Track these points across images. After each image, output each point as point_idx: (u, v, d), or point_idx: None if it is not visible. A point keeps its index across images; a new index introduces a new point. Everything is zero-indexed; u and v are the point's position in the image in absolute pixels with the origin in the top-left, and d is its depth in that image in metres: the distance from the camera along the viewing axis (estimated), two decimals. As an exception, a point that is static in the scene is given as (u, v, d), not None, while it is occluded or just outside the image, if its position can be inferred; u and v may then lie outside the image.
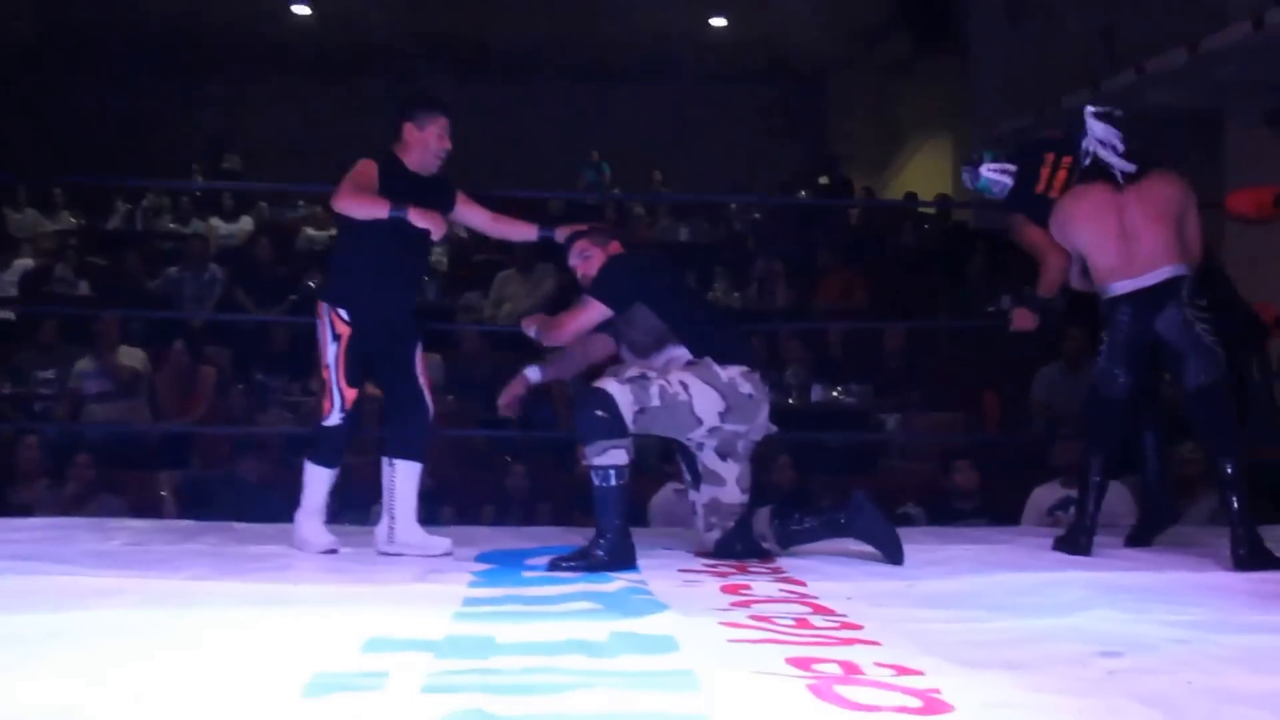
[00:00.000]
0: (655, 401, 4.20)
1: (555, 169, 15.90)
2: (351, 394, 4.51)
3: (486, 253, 11.96)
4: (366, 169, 4.45)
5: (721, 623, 3.14)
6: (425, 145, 4.55)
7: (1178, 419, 4.56)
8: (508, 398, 4.82)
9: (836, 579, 3.93)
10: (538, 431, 7.95)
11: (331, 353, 4.49)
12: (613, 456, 4.14)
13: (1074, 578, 3.93)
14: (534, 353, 8.55)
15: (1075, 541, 4.58)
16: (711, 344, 4.39)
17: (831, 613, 3.34)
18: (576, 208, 13.69)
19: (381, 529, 4.57)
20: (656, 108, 18.49)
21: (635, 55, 17.11)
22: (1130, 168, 4.52)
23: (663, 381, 4.24)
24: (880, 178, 17.41)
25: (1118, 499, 6.08)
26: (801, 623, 3.19)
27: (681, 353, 4.38)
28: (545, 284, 10.22)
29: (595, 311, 4.43)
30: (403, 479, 4.57)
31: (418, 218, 4.33)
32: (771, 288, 11.32)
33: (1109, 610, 3.35)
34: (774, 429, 4.56)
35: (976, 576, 3.99)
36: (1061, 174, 4.84)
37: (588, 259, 4.60)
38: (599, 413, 4.13)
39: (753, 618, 3.23)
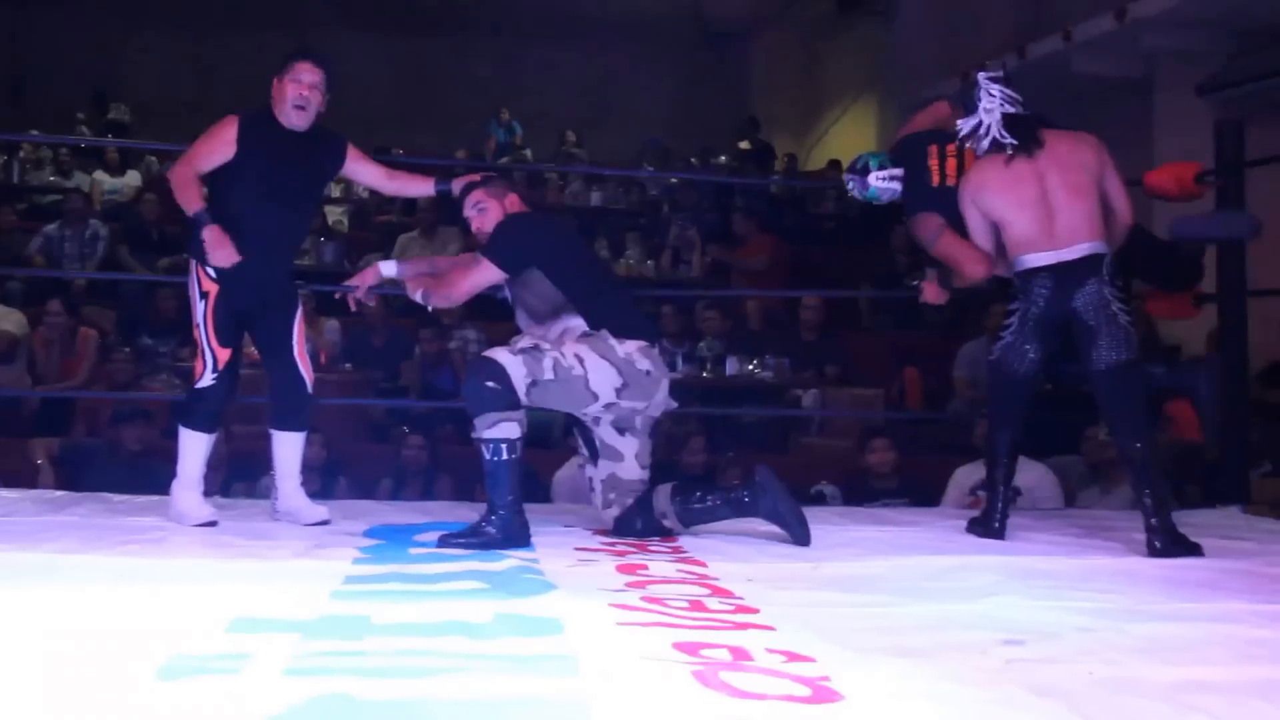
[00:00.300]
0: (549, 374, 4.16)
1: (465, 126, 15.76)
2: (224, 354, 4.45)
3: (389, 214, 11.83)
4: (217, 133, 4.42)
5: (612, 604, 3.11)
6: (283, 95, 4.48)
7: (1087, 398, 4.58)
8: (360, 288, 4.78)
9: (738, 559, 3.92)
10: (437, 401, 7.88)
11: (200, 310, 4.45)
12: (503, 429, 4.10)
13: (986, 562, 3.95)
14: (432, 319, 8.53)
15: (988, 524, 4.60)
16: (610, 317, 4.36)
17: (729, 595, 3.33)
18: (480, 167, 13.61)
19: (272, 495, 4.62)
20: (571, 65, 18.40)
21: (549, 9, 16.97)
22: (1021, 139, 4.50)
23: (557, 354, 4.21)
24: (804, 141, 17.43)
25: (1042, 481, 6.16)
26: (696, 605, 3.17)
27: (579, 323, 4.35)
28: (450, 247, 10.14)
29: (488, 272, 4.38)
30: (281, 448, 4.58)
31: (210, 242, 4.34)
32: (687, 256, 11.31)
33: (1017, 596, 3.36)
34: (674, 404, 4.54)
35: (886, 559, 4.00)
36: (951, 161, 4.82)
37: (483, 212, 4.53)
38: (489, 383, 4.09)
39: (646, 599, 3.20)
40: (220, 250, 4.34)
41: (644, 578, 3.57)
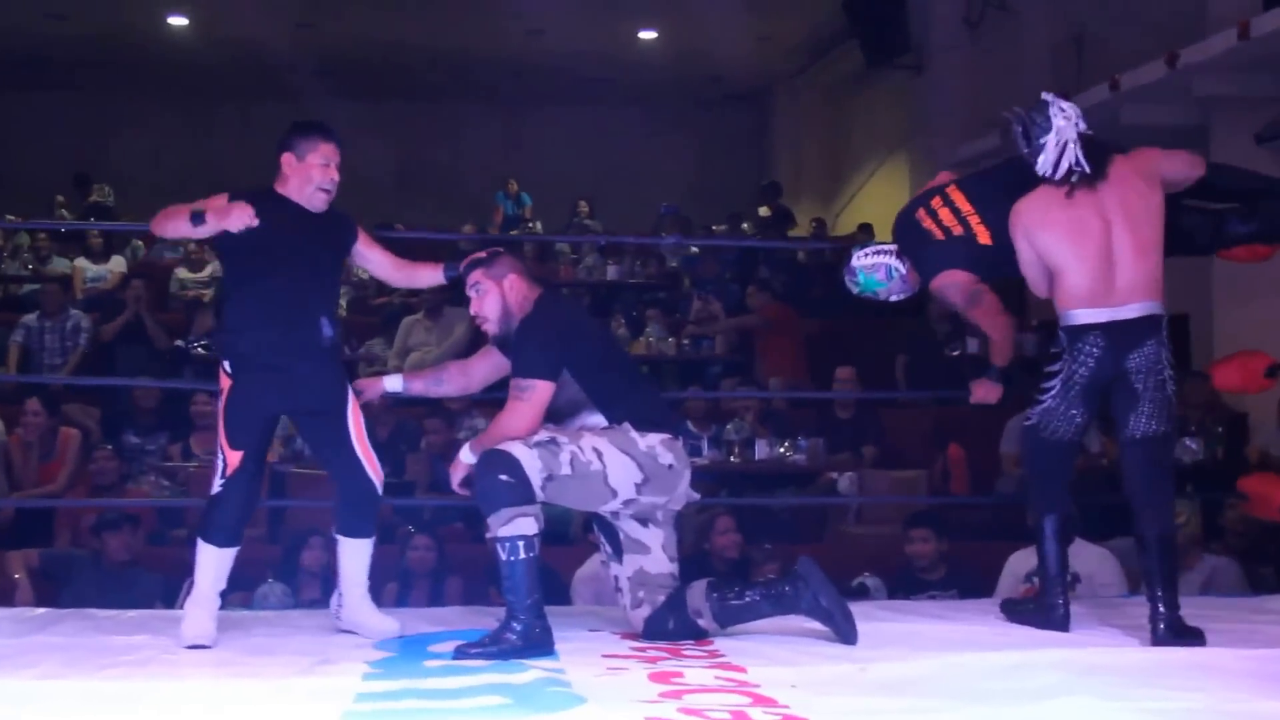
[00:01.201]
0: (565, 469, 4.15)
1: (470, 200, 15.87)
2: (235, 457, 4.34)
3: (388, 295, 11.89)
4: (229, 204, 4.35)
5: (648, 718, 3.09)
6: (307, 177, 4.46)
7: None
8: (362, 395, 4.75)
9: (780, 663, 3.89)
10: (445, 497, 7.86)
11: (218, 410, 4.41)
12: (520, 526, 4.07)
13: (1048, 658, 3.91)
14: (440, 409, 8.53)
15: (1049, 613, 4.56)
16: (631, 410, 4.36)
17: (773, 704, 3.30)
18: (487, 242, 13.67)
19: (334, 603, 4.64)
20: (581, 132, 18.54)
21: (556, 73, 17.12)
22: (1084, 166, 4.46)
23: (575, 448, 4.20)
24: (831, 205, 17.50)
25: (1102, 565, 6.11)
26: (739, 716, 3.15)
27: (597, 419, 4.37)
28: (456, 330, 10.18)
29: (542, 393, 4.28)
30: (347, 556, 4.59)
31: (217, 218, 4.27)
32: (709, 332, 11.34)
33: (1087, 697, 3.32)
34: (695, 496, 4.53)
35: (938, 658, 3.96)
36: (944, 212, 4.81)
37: (481, 294, 4.50)
38: (503, 477, 4.08)
39: (683, 710, 3.18)
40: (238, 211, 4.26)
41: (679, 686, 3.54)
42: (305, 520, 7.39)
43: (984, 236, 4.72)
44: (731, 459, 8.76)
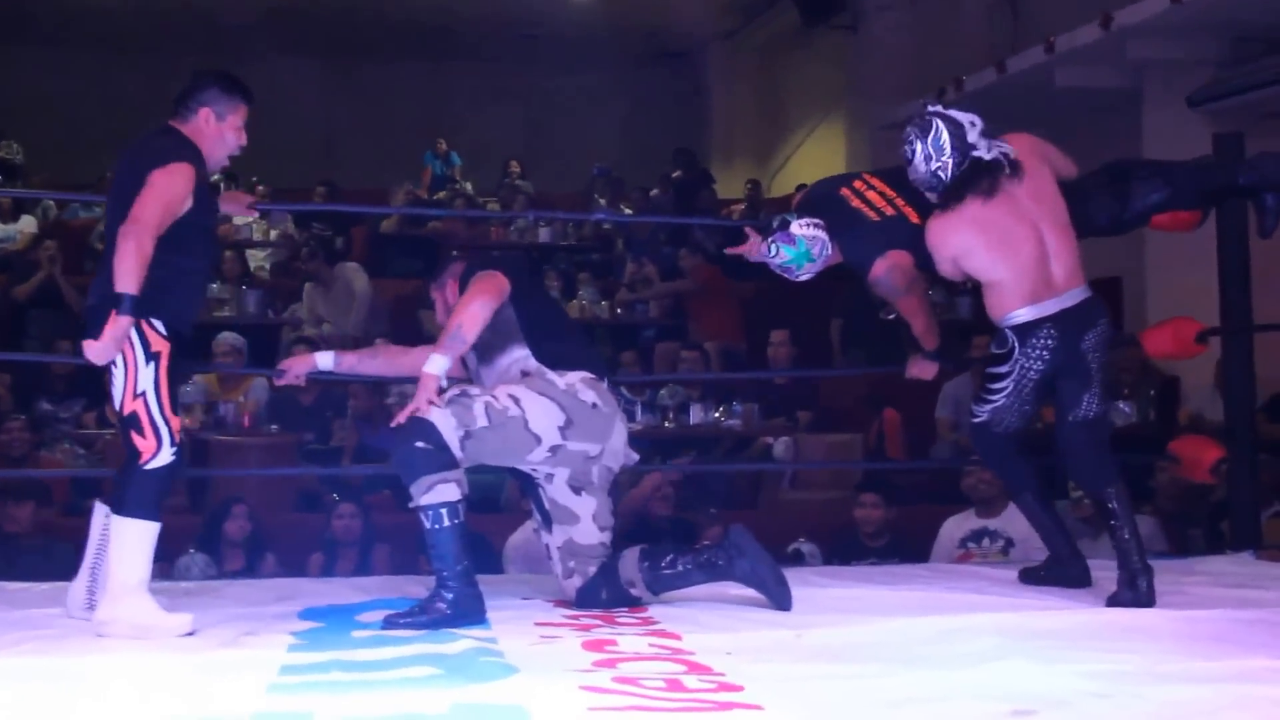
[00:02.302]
0: (481, 421, 4.12)
1: (399, 160, 15.75)
2: (176, 423, 4.21)
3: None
4: (179, 189, 4.15)
5: (581, 687, 3.10)
6: (223, 140, 4.33)
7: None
8: (289, 373, 4.81)
9: (715, 630, 3.91)
10: (372, 464, 7.83)
11: (149, 375, 4.15)
12: (442, 492, 4.04)
13: (985, 622, 3.94)
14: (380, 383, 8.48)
15: (1065, 574, 4.68)
16: (556, 345, 4.38)
17: (709, 671, 3.31)
18: (415, 202, 13.61)
19: (77, 592, 4.31)
20: (513, 90, 18.42)
21: (487, 30, 17.00)
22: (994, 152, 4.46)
23: (488, 398, 4.17)
24: (766, 166, 17.52)
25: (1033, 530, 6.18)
26: (673, 684, 3.15)
27: (523, 354, 4.34)
28: (356, 287, 10.14)
29: (492, 281, 4.29)
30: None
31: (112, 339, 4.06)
32: (644, 295, 11.34)
33: (1022, 660, 3.36)
34: (635, 457, 4.53)
35: (874, 623, 3.99)
36: (873, 194, 4.83)
37: (435, 309, 4.62)
38: (420, 444, 4.04)
39: (617, 680, 3.19)
40: (113, 347, 4.05)
41: (614, 654, 3.54)
42: (227, 489, 7.35)
43: (914, 217, 4.72)
44: (666, 424, 8.78)
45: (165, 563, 6.38)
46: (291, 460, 8.06)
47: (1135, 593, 4.26)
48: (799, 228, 4.87)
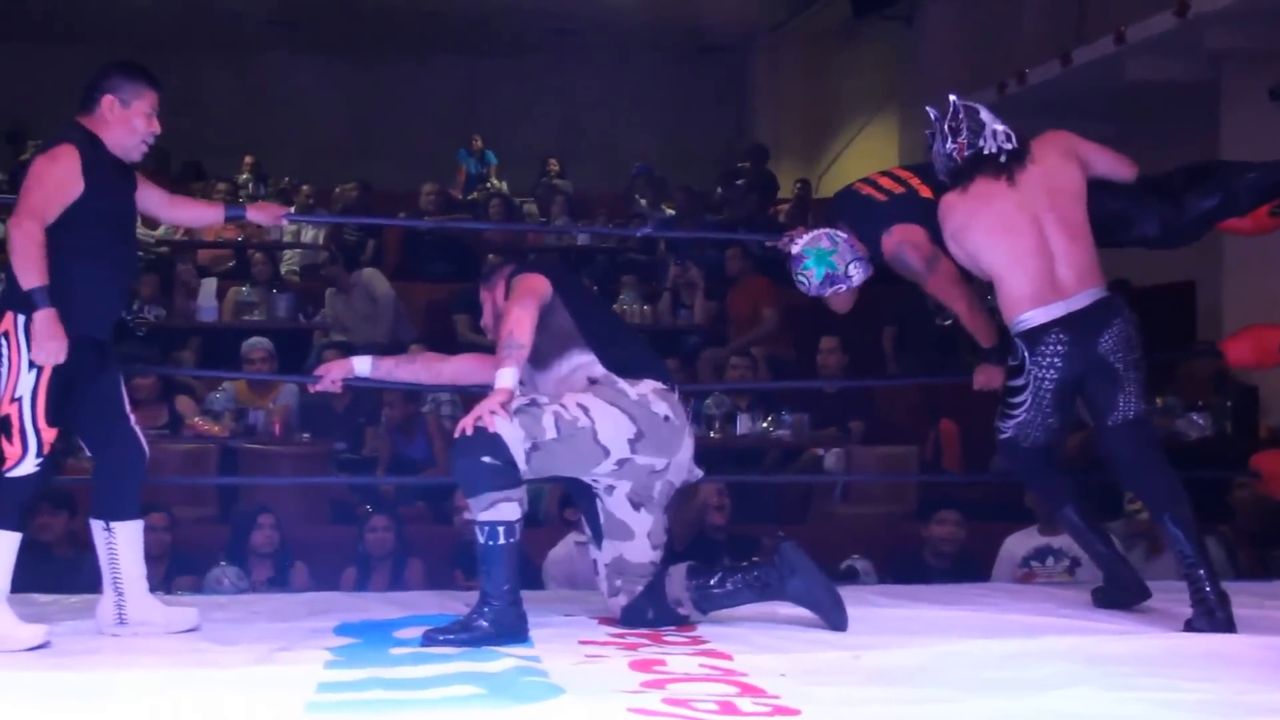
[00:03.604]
0: (550, 434, 4.13)
1: (432, 157, 15.80)
2: (51, 435, 4.20)
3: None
4: (60, 173, 4.18)
5: (630, 709, 3.10)
6: (131, 127, 4.35)
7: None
8: (325, 378, 4.90)
9: (768, 651, 3.91)
10: (407, 474, 7.87)
11: (28, 382, 4.15)
12: (502, 511, 4.07)
13: (1053, 646, 3.93)
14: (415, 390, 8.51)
15: (1122, 590, 4.65)
16: (622, 350, 4.39)
17: (762, 693, 3.31)
18: (448, 201, 13.63)
19: (106, 608, 4.35)
20: (550, 87, 18.46)
21: (522, 24, 17.03)
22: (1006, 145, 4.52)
23: (557, 408, 4.18)
24: (815, 166, 17.49)
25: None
26: (726, 707, 3.15)
27: (588, 360, 4.34)
28: (378, 292, 10.16)
29: (534, 282, 4.34)
30: (125, 544, 4.36)
31: (41, 332, 4.11)
32: (687, 300, 11.32)
33: (1092, 688, 3.34)
34: (699, 473, 4.53)
35: (935, 645, 3.98)
36: (885, 179, 4.92)
37: (483, 308, 4.64)
38: (486, 459, 4.05)
39: (667, 701, 3.19)
40: (52, 343, 4.10)
41: (662, 675, 3.55)
42: (256, 499, 7.39)
43: (926, 191, 4.79)
44: (712, 434, 8.76)
45: (196, 575, 6.44)
46: (323, 470, 8.10)
47: (1213, 621, 4.21)
48: (795, 245, 4.93)
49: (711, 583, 4.34)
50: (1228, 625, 4.21)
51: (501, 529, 4.07)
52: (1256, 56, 9.94)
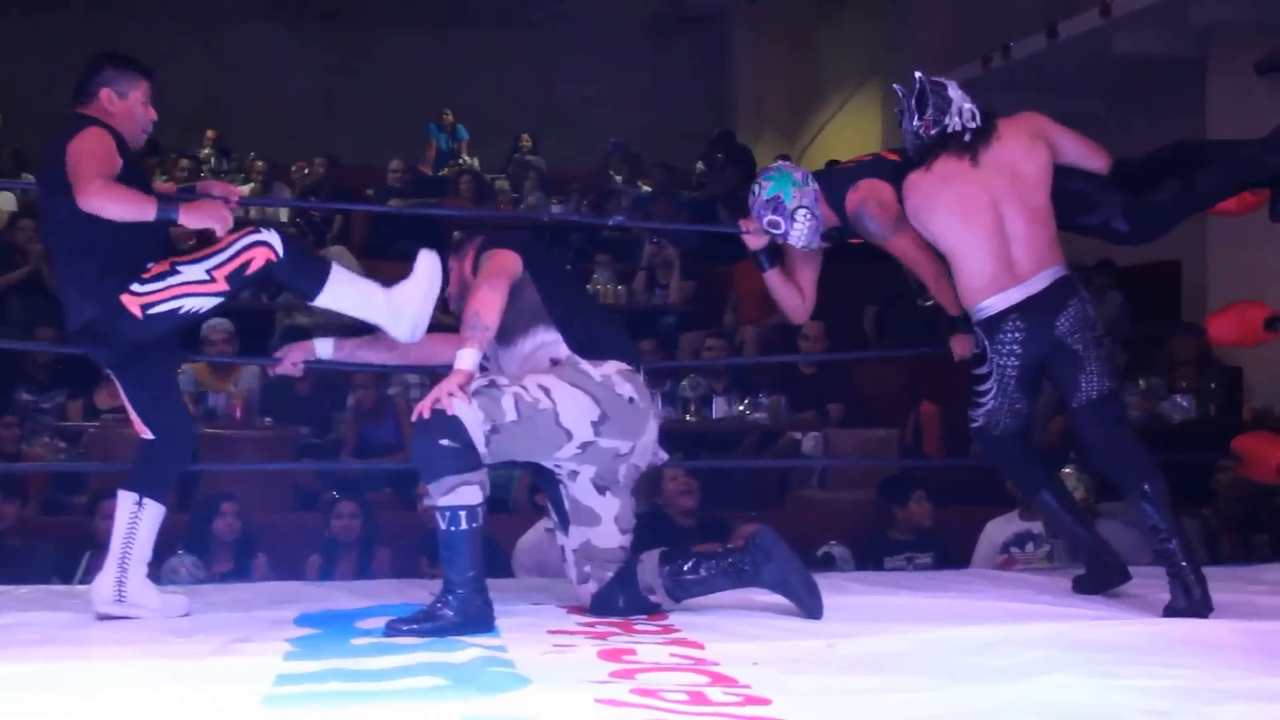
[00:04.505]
0: (510, 415, 4.13)
1: (401, 130, 15.75)
2: None
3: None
4: (104, 143, 4.31)
5: (598, 700, 3.10)
6: (132, 116, 4.50)
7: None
8: (285, 361, 4.87)
9: (741, 639, 3.92)
10: (374, 460, 7.84)
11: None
12: (463, 495, 4.07)
13: (1032, 633, 3.94)
14: (383, 372, 8.50)
15: (1104, 574, 4.69)
16: (587, 327, 4.39)
17: (734, 683, 3.32)
18: (418, 178, 13.59)
19: (105, 584, 4.42)
20: (523, 59, 18.40)
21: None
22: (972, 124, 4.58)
23: (517, 389, 4.18)
24: (796, 141, 17.46)
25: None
26: (697, 697, 3.16)
27: (553, 338, 4.35)
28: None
29: (504, 259, 4.35)
30: (147, 523, 4.51)
31: (192, 218, 4.30)
32: (663, 280, 11.32)
33: (1071, 675, 3.35)
34: (664, 456, 4.54)
35: (912, 633, 3.99)
36: (860, 155, 5.07)
37: (450, 279, 4.60)
38: (444, 442, 4.06)
39: (636, 691, 3.19)
40: (212, 210, 4.35)
41: (632, 665, 3.55)
42: (217, 486, 7.36)
43: (893, 156, 4.89)
44: (687, 418, 8.77)
45: (152, 564, 6.40)
46: (287, 455, 8.07)
47: (1190, 599, 4.25)
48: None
49: (685, 568, 4.35)
50: (1204, 604, 4.25)
51: (463, 513, 4.07)
52: (1243, 30, 10.01)
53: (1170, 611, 4.26)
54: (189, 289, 4.28)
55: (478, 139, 16.10)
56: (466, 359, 4.14)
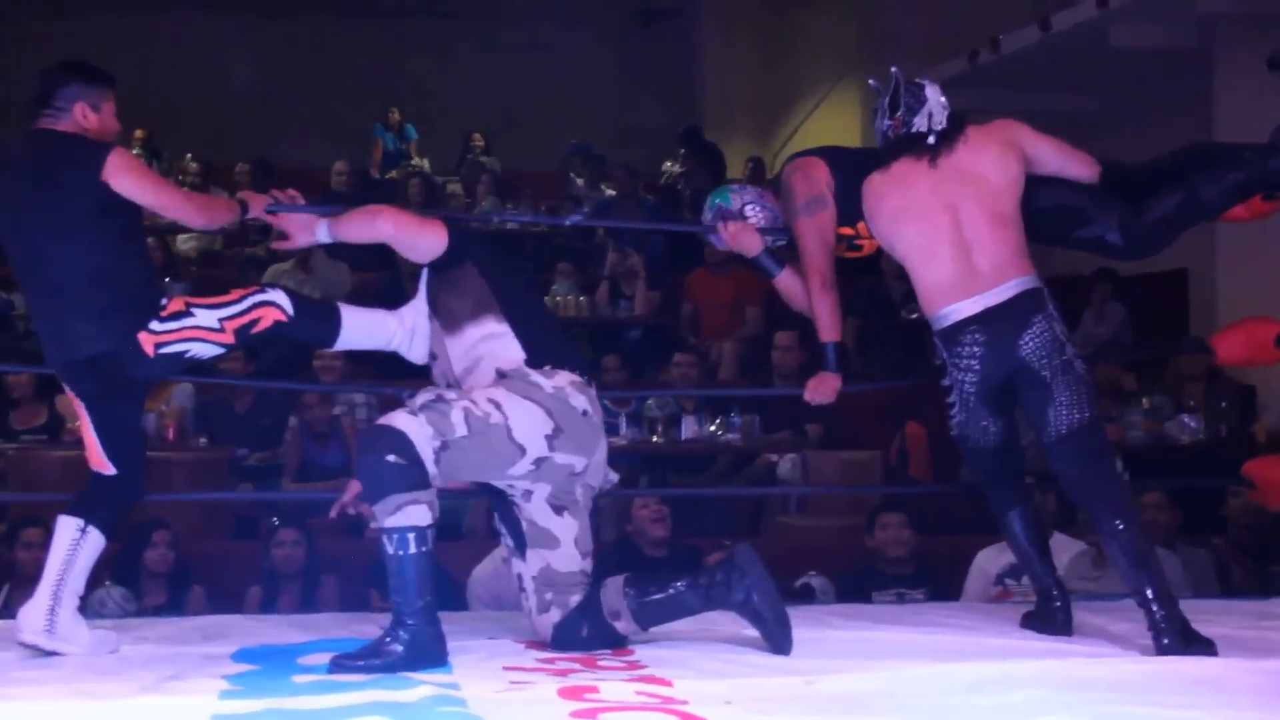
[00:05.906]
0: (460, 430, 4.14)
1: (347, 129, 15.74)
2: None
3: (245, 245, 11.79)
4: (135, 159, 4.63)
5: (557, 742, 3.10)
6: (105, 130, 4.60)
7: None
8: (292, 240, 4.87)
9: (711, 676, 3.92)
10: (318, 485, 7.82)
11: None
12: (411, 515, 4.07)
13: (1025, 671, 3.93)
14: (311, 377, 8.46)
15: (1049, 616, 4.67)
16: (538, 327, 4.45)
17: (705, 725, 3.31)
18: (364, 180, 13.57)
19: (35, 613, 4.40)
20: (477, 53, 18.39)
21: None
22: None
23: (467, 403, 4.19)
24: (770, 142, 17.49)
25: (1081, 559, 6.21)
26: (664, 739, 3.15)
27: (502, 330, 4.38)
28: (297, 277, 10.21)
29: (430, 228, 4.47)
30: (87, 554, 4.49)
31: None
32: (628, 290, 11.32)
33: (1067, 716, 3.36)
34: (614, 477, 4.56)
35: (897, 670, 3.99)
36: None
37: None
38: (390, 458, 4.06)
39: (600, 734, 3.19)
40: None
41: (594, 703, 3.54)
42: (147, 511, 7.30)
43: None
44: (654, 439, 8.76)
45: (79, 598, 6.37)
46: (224, 478, 8.04)
47: (1171, 642, 4.23)
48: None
49: (651, 589, 4.35)
50: (1184, 642, 4.22)
51: (412, 536, 4.07)
52: (1253, 21, 9.94)
53: (1167, 650, 4.25)
54: (200, 334, 4.44)
55: (432, 138, 16.10)
56: (320, 230, 4.60)
